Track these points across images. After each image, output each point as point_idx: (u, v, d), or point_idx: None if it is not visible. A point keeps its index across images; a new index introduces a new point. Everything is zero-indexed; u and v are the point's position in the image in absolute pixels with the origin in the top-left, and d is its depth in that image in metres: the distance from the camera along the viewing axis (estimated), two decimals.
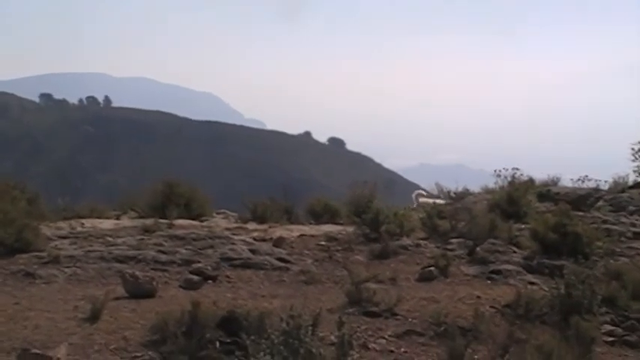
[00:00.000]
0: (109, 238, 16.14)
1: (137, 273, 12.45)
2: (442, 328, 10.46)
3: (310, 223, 20.41)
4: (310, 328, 8.18)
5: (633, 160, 26.01)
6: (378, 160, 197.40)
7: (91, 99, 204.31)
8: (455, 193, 23.85)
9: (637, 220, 19.53)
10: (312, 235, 17.87)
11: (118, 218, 20.05)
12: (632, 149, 26.07)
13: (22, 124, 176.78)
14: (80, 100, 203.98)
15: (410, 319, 11.08)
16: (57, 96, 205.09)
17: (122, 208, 21.90)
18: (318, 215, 21.27)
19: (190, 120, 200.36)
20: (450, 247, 16.36)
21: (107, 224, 18.34)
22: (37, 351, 8.80)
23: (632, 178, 25.26)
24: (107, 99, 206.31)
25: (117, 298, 11.65)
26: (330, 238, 17.50)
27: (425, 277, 13.93)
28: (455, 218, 17.94)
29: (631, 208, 21.07)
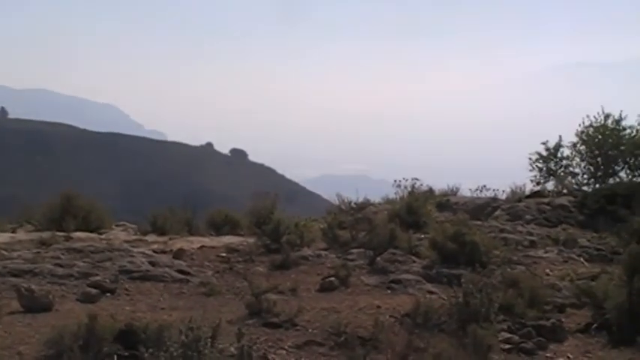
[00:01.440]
0: (4, 252, 15.76)
1: (33, 287, 12.20)
2: (342, 338, 10.49)
3: (211, 235, 20.34)
4: (209, 340, 8.16)
5: (530, 170, 26.62)
6: (280, 171, 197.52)
7: None
8: (356, 204, 23.98)
9: (533, 229, 19.97)
10: (213, 247, 17.81)
11: (13, 231, 19.67)
12: (530, 159, 26.67)
13: None
14: None
15: (310, 330, 11.09)
16: None
17: (18, 221, 21.49)
18: (219, 226, 21.21)
19: (90, 132, 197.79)
20: (350, 257, 16.44)
21: (2, 238, 17.94)
22: None
23: (528, 188, 25.82)
24: (3, 110, 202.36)
25: (12, 313, 11.40)
26: (231, 249, 17.45)
27: (325, 288, 13.96)
28: (355, 228, 18.05)
29: (527, 217, 21.56)
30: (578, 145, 26.35)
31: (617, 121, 26.06)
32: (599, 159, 25.97)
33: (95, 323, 9.36)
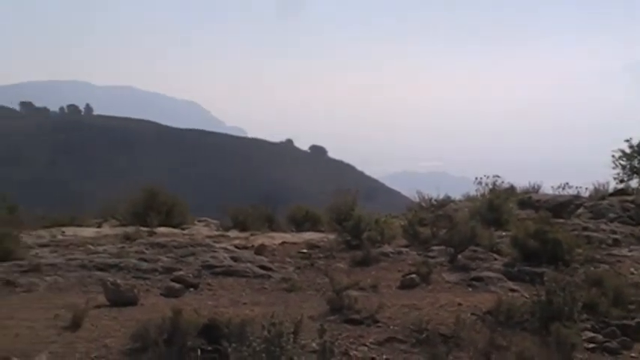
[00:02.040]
0: (90, 246, 16.08)
1: (118, 281, 12.44)
2: (424, 335, 10.47)
3: (292, 231, 20.42)
4: (292, 335, 8.20)
5: (613, 168, 26.13)
6: (359, 168, 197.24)
7: (72, 107, 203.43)
8: (436, 201, 23.86)
9: (617, 227, 19.63)
10: (294, 243, 17.88)
11: (99, 226, 19.99)
12: (613, 156, 26.19)
13: (2, 132, 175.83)
14: (61, 109, 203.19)
15: (391, 327, 11.08)
16: (38, 104, 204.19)
17: (103, 216, 21.84)
18: (300, 223, 21.28)
19: (171, 128, 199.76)
20: (431, 254, 16.38)
21: (88, 232, 18.29)
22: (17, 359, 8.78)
23: (612, 186, 25.37)
24: (88, 107, 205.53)
25: (98, 307, 11.62)
26: (312, 245, 17.51)
27: (406, 285, 13.94)
28: (436, 225, 17.97)
29: (611, 215, 21.18)
30: None
31: None
32: None
33: (179, 318, 9.49)
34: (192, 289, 13.34)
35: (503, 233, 17.88)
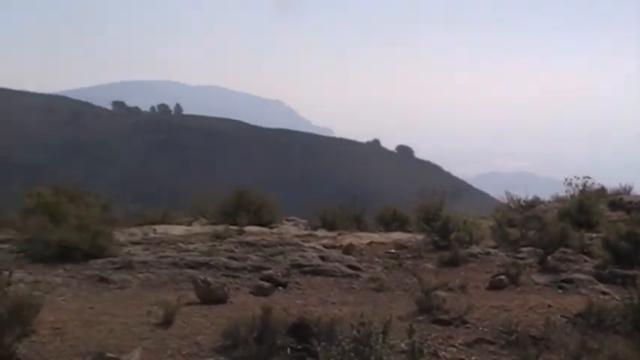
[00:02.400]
0: (181, 244, 16.35)
1: (209, 279, 12.61)
2: (513, 337, 10.38)
3: (380, 231, 20.44)
4: (381, 335, 8.20)
5: None
6: (446, 168, 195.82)
7: (163, 107, 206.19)
8: (525, 202, 23.63)
9: None
10: (382, 243, 17.91)
11: (189, 225, 20.29)
12: None
13: (95, 131, 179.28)
14: (152, 108, 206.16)
15: (480, 328, 11.01)
16: (130, 103, 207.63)
17: (193, 215, 22.15)
18: (388, 223, 21.30)
19: (260, 128, 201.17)
20: (520, 255, 16.25)
21: (179, 230, 18.57)
22: (112, 355, 8.95)
23: None
24: (178, 107, 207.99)
25: (189, 304, 11.79)
26: (400, 245, 17.51)
27: (495, 286, 13.85)
28: (525, 227, 17.82)
29: None
30: None
31: None
32: None
33: (269, 316, 9.57)
34: (281, 288, 13.46)
35: (594, 235, 17.63)
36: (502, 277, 14.07)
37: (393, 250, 16.97)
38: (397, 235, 19.11)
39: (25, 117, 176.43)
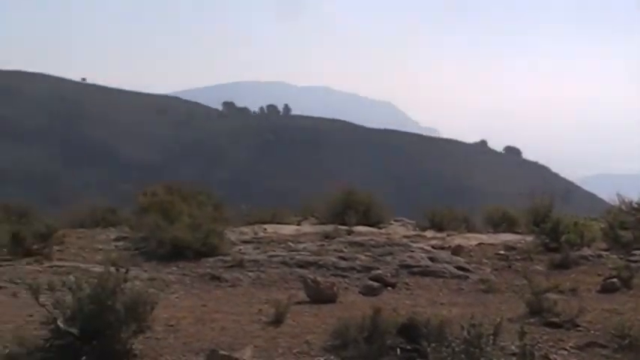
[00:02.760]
0: (291, 244, 16.51)
1: (318, 278, 12.73)
2: (626, 341, 10.19)
3: (488, 232, 20.29)
4: (491, 337, 8.17)
5: None
6: (554, 169, 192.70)
7: (272, 107, 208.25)
8: (637, 204, 23.12)
9: None
10: (491, 244, 17.77)
11: (298, 224, 20.47)
12: None
13: (205, 131, 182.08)
14: (261, 109, 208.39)
15: (592, 331, 10.85)
16: (239, 104, 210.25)
17: (302, 214, 22.34)
18: (496, 224, 21.13)
19: (367, 128, 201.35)
20: (632, 258, 15.93)
21: (288, 230, 18.75)
22: (225, 352, 9.11)
23: None
24: (287, 107, 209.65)
25: (299, 303, 11.91)
26: (509, 247, 17.35)
27: (607, 289, 13.60)
28: (638, 229, 17.46)
29: None
30: None
31: None
32: None
33: (379, 316, 9.61)
34: (389, 288, 13.49)
35: None
36: (614, 280, 13.81)
37: (502, 252, 16.83)
38: (506, 237, 18.93)
39: (138, 117, 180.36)
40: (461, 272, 14.76)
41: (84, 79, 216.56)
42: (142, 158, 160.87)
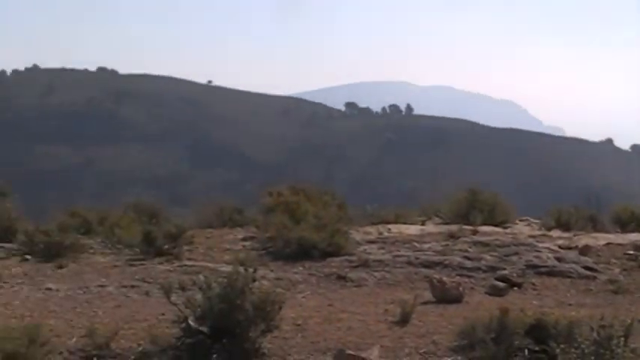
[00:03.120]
0: (415, 244, 16.50)
1: (444, 278, 12.71)
2: None
3: (616, 232, 19.88)
4: (622, 338, 8.05)
5: None
6: None
7: (394, 107, 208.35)
8: None
9: None
10: (619, 244, 17.39)
11: (422, 224, 20.42)
12: None
13: (328, 132, 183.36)
14: (383, 109, 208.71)
15: None
16: (361, 104, 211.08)
17: (426, 214, 22.29)
18: (625, 224, 20.68)
19: (488, 128, 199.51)
20: None
21: (412, 230, 18.73)
22: (352, 352, 9.21)
23: None
24: (409, 107, 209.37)
25: (424, 303, 11.93)
26: (638, 246, 16.96)
27: None
28: None
29: None
30: None
31: None
32: None
33: (506, 317, 9.56)
34: (516, 289, 13.37)
35: None
36: None
37: (631, 252, 16.44)
38: (635, 237, 18.50)
39: (263, 119, 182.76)
40: (589, 272, 14.49)
41: (210, 82, 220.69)
42: (266, 159, 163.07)
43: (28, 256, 15.81)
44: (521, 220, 22.01)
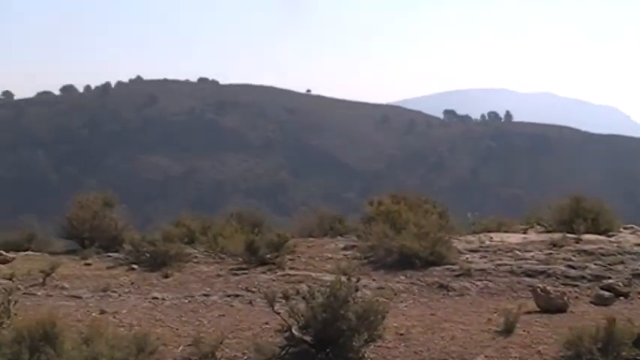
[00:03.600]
0: (518, 252, 16.31)
1: (548, 287, 12.57)
2: None
3: None
4: None
5: None
6: None
7: (493, 114, 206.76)
8: None
9: None
10: None
11: (524, 232, 20.18)
12: None
13: (427, 139, 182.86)
14: (482, 116, 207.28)
15: None
16: (460, 112, 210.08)
17: (528, 222, 22.01)
18: None
19: (590, 134, 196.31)
20: None
21: (514, 238, 18.51)
22: None
23: None
24: (508, 114, 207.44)
25: (528, 312, 11.80)
26: None
27: None
28: None
29: None
30: None
31: None
32: None
33: (613, 327, 9.42)
34: (622, 298, 13.13)
35: None
36: None
37: None
38: None
39: (362, 127, 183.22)
40: None
41: (309, 91, 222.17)
42: (365, 167, 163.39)
43: (135, 266, 16.17)
44: (625, 228, 21.58)
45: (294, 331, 9.82)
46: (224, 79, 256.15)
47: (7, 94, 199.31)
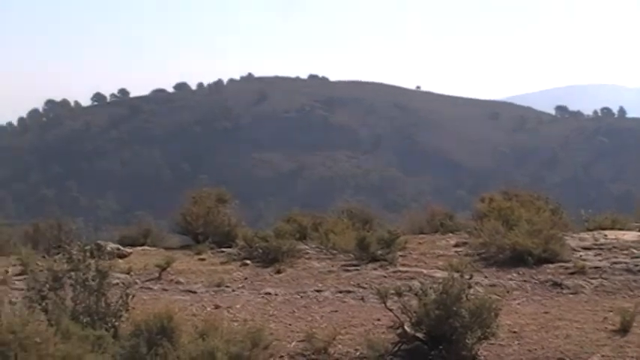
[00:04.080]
0: (634, 250, 15.99)
1: None
2: None
3: None
4: None
5: None
6: None
7: (606, 110, 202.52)
8: None
9: None
10: None
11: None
12: None
13: (538, 136, 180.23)
14: (594, 112, 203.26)
15: None
16: (572, 108, 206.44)
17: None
18: None
19: None
20: None
21: (630, 236, 18.13)
22: None
23: None
24: (621, 110, 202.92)
25: None
26: None
27: None
28: None
29: None
30: None
31: None
32: None
33: None
34: None
35: None
36: None
37: None
38: None
39: (472, 123, 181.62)
40: None
41: (418, 87, 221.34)
42: (475, 164, 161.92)
43: (248, 261, 16.36)
44: None
45: (406, 327, 9.86)
46: (334, 76, 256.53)
47: (123, 91, 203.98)
